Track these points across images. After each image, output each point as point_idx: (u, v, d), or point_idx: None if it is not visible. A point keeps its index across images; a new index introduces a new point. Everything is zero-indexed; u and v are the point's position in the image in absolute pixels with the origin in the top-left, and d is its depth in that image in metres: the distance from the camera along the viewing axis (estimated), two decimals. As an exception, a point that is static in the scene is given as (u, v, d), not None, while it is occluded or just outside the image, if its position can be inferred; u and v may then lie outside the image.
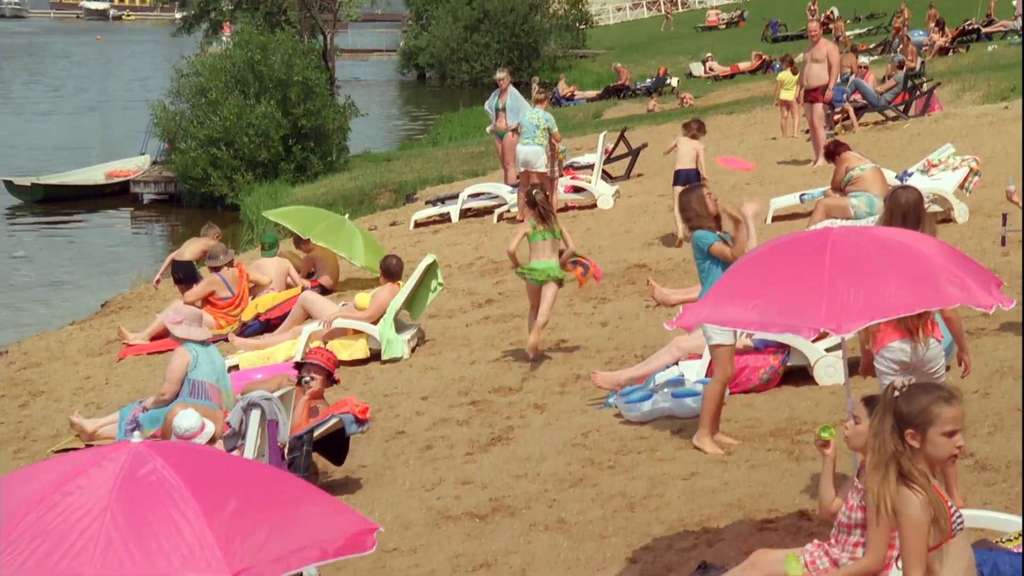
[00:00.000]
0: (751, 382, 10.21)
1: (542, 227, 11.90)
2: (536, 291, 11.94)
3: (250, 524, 4.14)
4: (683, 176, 16.09)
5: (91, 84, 64.61)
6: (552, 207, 12.63)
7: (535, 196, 12.05)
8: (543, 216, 11.91)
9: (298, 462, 9.28)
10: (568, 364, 11.94)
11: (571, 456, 9.37)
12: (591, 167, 20.89)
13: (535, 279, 11.88)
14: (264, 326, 15.26)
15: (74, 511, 4.10)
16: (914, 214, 7.62)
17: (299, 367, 10.53)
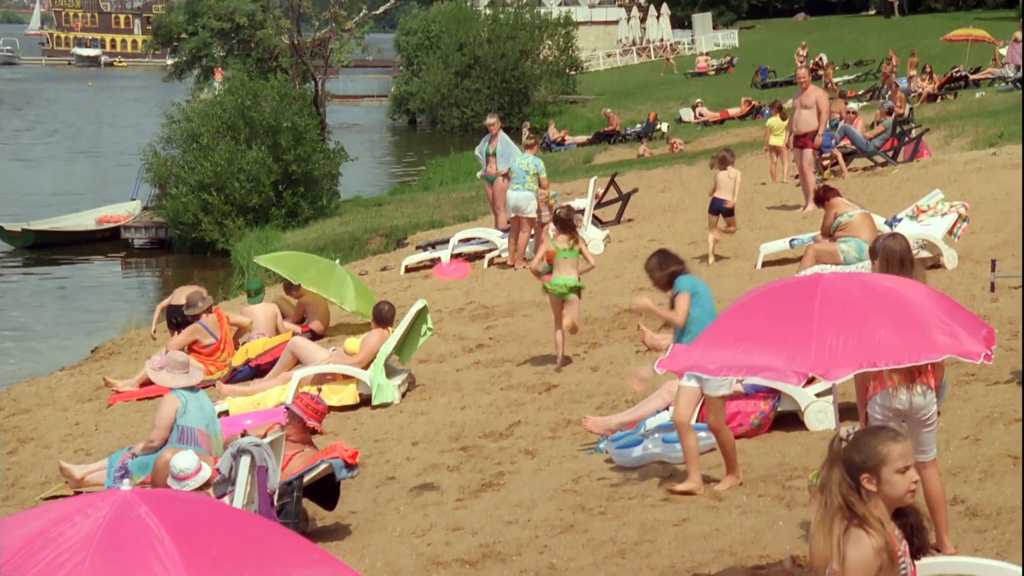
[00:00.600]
0: (742, 427, 10.20)
1: (564, 246, 12.94)
2: (559, 304, 13.03)
3: (230, 573, 4.10)
4: (716, 205, 17.59)
5: (82, 130, 64.72)
6: (575, 226, 13.49)
7: (559, 215, 13.34)
8: (567, 233, 13.01)
9: (288, 508, 9.24)
10: (559, 409, 11.93)
11: (562, 502, 9.33)
12: (581, 212, 20.92)
13: (558, 294, 12.96)
14: (254, 371, 15.24)
15: (54, 559, 4.07)
16: (909, 261, 7.66)
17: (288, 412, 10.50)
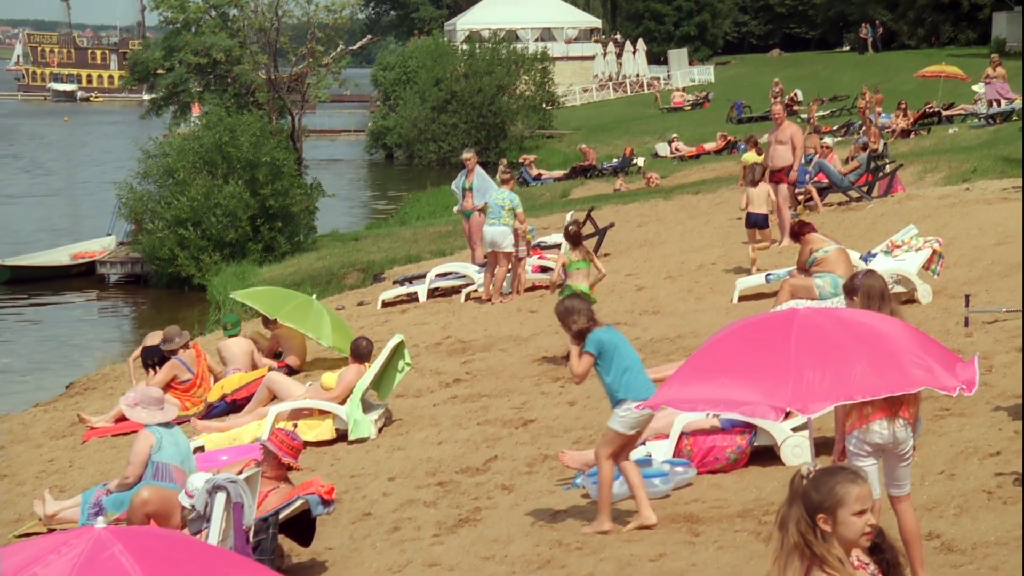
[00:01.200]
0: (719, 462, 10.21)
1: (576, 258, 14.51)
2: None
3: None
4: (753, 219, 18.83)
5: (58, 166, 64.57)
6: (580, 238, 14.88)
7: (569, 231, 14.88)
8: (578, 246, 14.57)
9: (264, 545, 9.19)
10: (536, 444, 11.91)
11: (539, 537, 9.31)
12: (558, 247, 20.97)
13: None
14: (230, 407, 15.19)
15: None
16: (887, 297, 7.73)
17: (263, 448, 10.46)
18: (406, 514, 10.50)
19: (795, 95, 55.25)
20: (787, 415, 9.85)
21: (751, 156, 24.82)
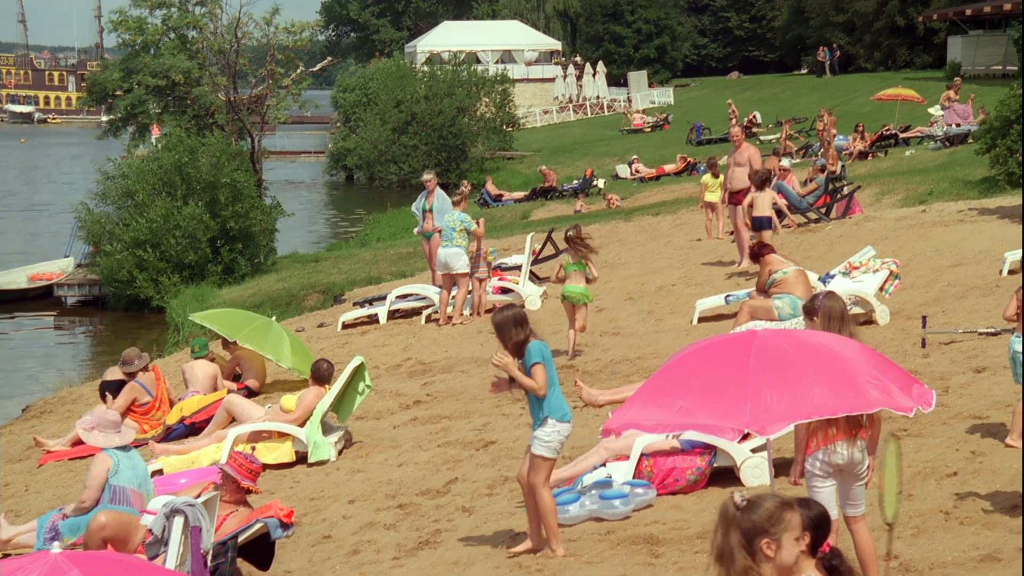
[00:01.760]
0: (678, 483, 10.22)
1: (573, 261, 15.39)
2: (572, 308, 15.57)
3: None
4: (758, 223, 19.15)
5: (16, 187, 64.11)
6: (584, 242, 15.50)
7: (567, 235, 15.55)
8: (575, 250, 15.33)
9: (223, 569, 9.13)
10: (496, 466, 11.89)
11: (499, 560, 9.29)
12: (518, 268, 21.00)
13: (571, 300, 15.48)
14: (189, 430, 15.10)
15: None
16: (847, 318, 7.77)
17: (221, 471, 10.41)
18: (366, 537, 10.46)
19: (754, 117, 55.60)
20: (746, 436, 9.91)
21: (710, 178, 24.94)
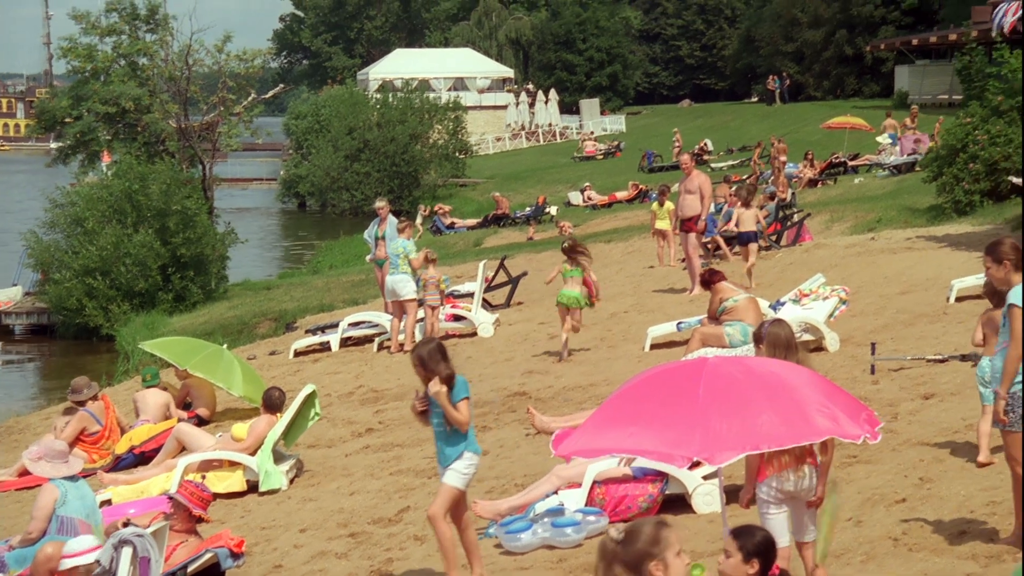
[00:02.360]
0: (631, 511, 10.22)
1: (570, 267, 16.43)
2: (565, 311, 16.59)
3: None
4: (745, 238, 20.71)
5: (-38, 214, 63.52)
6: (581, 250, 16.62)
7: (564, 245, 16.74)
8: (571, 258, 16.38)
9: (172, 600, 9.06)
10: (448, 495, 11.85)
11: (451, 589, 9.25)
12: (471, 295, 21.01)
13: (567, 304, 16.50)
14: (138, 459, 14.97)
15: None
16: (794, 345, 7.82)
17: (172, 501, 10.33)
18: (318, 566, 10.40)
19: (705, 145, 56.01)
20: (697, 463, 9.94)
21: (656, 206, 25.14)
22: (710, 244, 23.61)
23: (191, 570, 9.30)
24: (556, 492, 10.48)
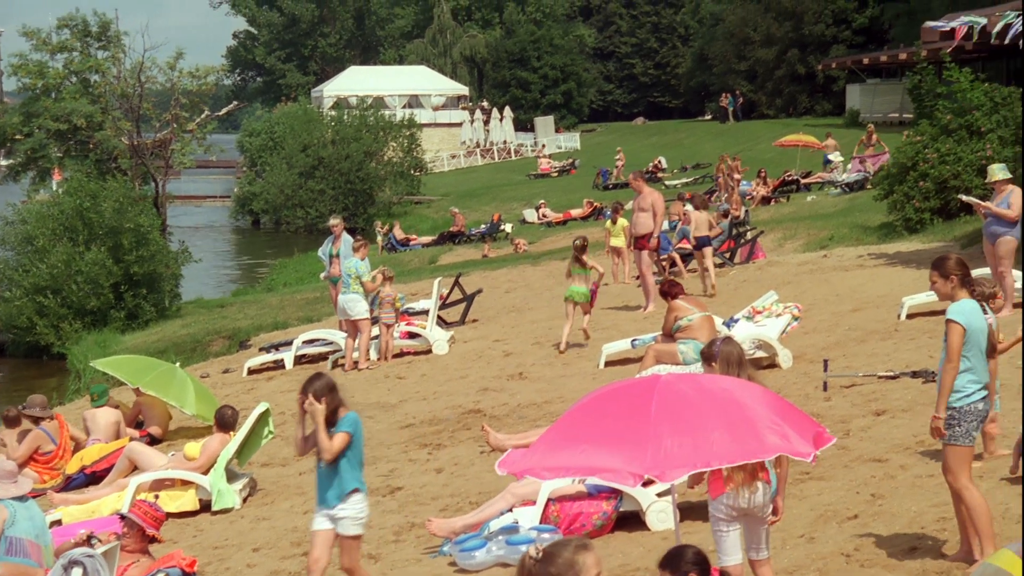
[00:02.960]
0: (585, 528, 10.24)
1: (578, 266, 17.97)
2: (573, 305, 18.05)
3: None
4: (702, 241, 21.83)
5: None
6: (584, 252, 18.04)
7: (575, 245, 18.16)
8: (578, 258, 17.86)
9: (123, 621, 8.98)
10: (403, 512, 11.84)
11: (405, 608, 9.24)
12: (426, 313, 20.99)
13: (574, 299, 18.00)
14: (89, 479, 14.84)
15: None
16: (745, 362, 7.87)
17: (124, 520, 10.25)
18: (271, 586, 10.34)
19: (659, 162, 56.23)
20: (651, 481, 9.97)
21: (608, 223, 25.27)
22: (665, 261, 23.72)
23: (143, 591, 9.23)
24: (511, 510, 10.48)
